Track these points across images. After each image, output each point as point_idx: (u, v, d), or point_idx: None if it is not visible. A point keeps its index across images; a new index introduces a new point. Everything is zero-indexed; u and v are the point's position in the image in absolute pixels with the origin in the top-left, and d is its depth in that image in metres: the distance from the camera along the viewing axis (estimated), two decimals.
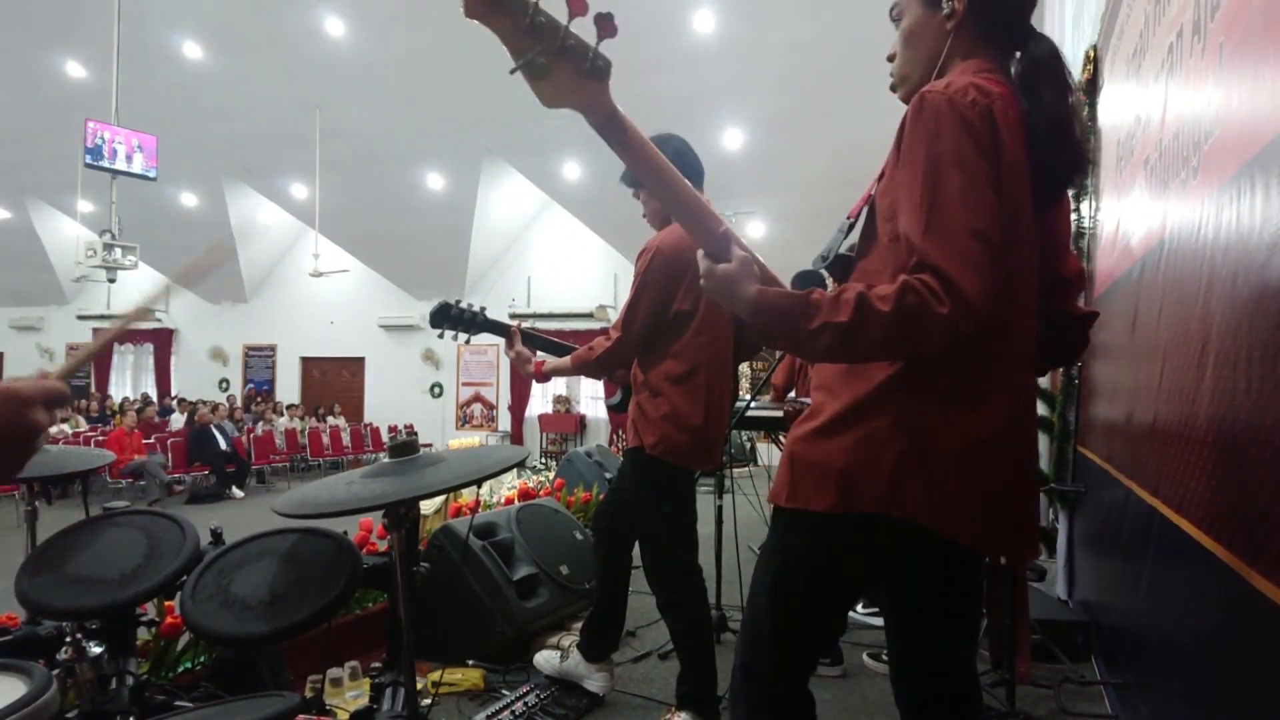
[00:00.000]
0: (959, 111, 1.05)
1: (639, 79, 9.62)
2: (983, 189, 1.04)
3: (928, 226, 1.02)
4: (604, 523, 2.61)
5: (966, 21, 1.19)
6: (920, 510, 1.07)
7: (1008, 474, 1.11)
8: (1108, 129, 3.32)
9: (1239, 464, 1.29)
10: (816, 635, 1.26)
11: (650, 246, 2.30)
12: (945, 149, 1.04)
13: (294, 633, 1.64)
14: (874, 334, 1.01)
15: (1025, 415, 1.15)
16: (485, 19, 1.00)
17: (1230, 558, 1.31)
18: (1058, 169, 1.16)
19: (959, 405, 1.08)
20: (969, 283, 0.99)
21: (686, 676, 2.36)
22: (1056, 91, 1.15)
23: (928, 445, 1.07)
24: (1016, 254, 1.10)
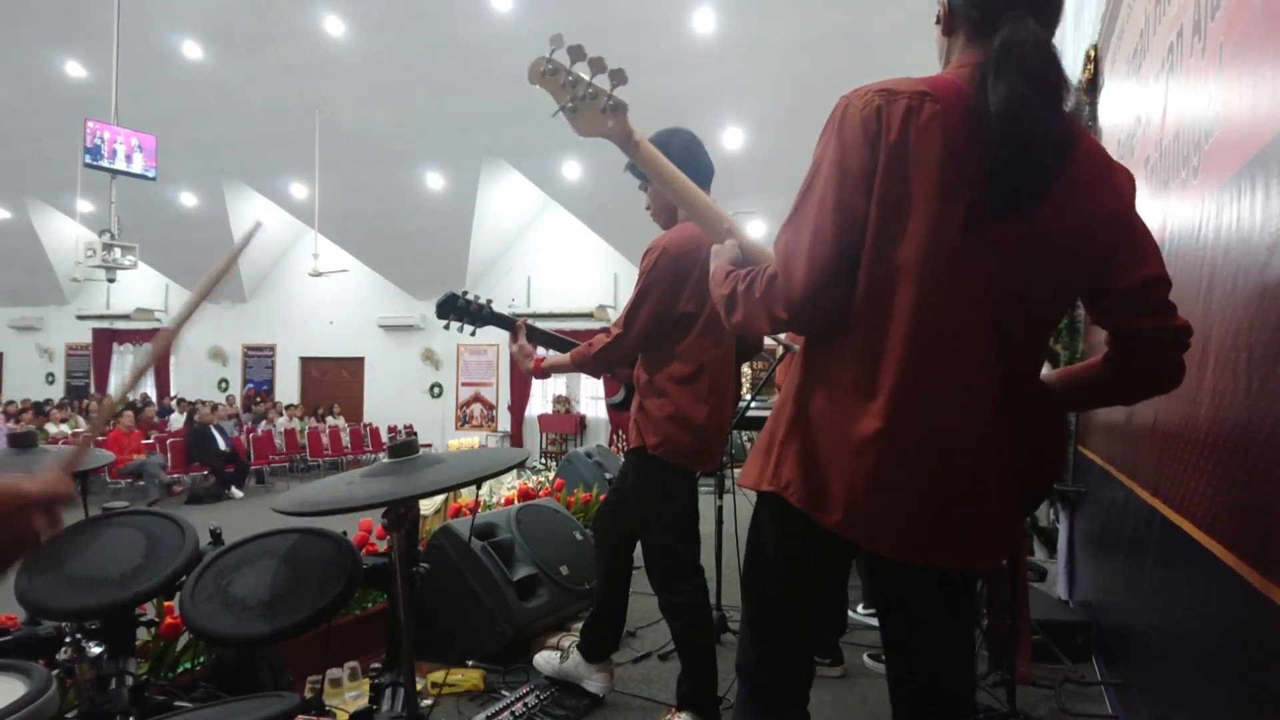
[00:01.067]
0: (849, 114, 1.11)
1: (639, 79, 9.48)
2: (843, 197, 1.09)
3: (789, 219, 1.16)
4: (605, 523, 2.61)
5: (953, 24, 1.21)
6: (791, 489, 1.15)
7: (896, 474, 1.08)
8: (1108, 129, 3.32)
9: (1239, 464, 1.29)
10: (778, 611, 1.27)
11: (656, 246, 2.29)
12: (825, 150, 1.13)
13: (294, 633, 1.64)
14: (739, 309, 1.20)
15: (922, 416, 1.08)
16: (540, 81, 1.47)
17: (1230, 558, 1.31)
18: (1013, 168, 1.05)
19: (838, 403, 1.14)
20: (790, 271, 1.11)
21: (687, 677, 2.35)
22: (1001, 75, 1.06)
23: (805, 432, 1.16)
24: (902, 253, 1.07)
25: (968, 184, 1.07)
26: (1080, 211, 1.10)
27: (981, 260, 1.08)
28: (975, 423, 1.10)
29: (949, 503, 1.11)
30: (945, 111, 1.07)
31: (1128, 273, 1.12)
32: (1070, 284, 1.16)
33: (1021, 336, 1.14)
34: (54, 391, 17.10)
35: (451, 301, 2.32)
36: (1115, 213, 1.12)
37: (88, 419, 12.67)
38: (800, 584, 1.26)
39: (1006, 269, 1.09)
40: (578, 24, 9.28)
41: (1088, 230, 1.10)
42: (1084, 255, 1.12)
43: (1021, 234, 1.08)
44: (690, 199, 1.47)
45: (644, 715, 2.64)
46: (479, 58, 9.71)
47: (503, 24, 9.17)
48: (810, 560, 1.24)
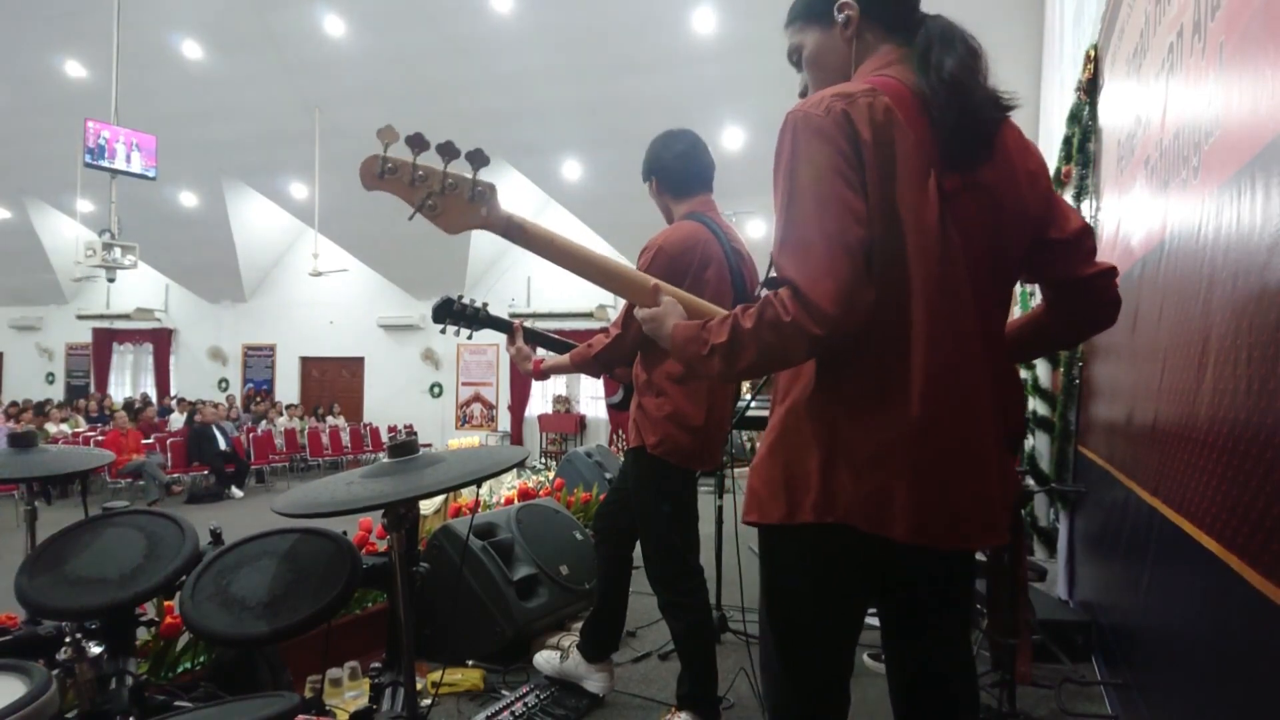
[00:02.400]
0: (811, 123, 1.09)
1: (639, 79, 9.64)
2: (837, 195, 1.06)
3: (781, 242, 1.09)
4: (605, 523, 2.61)
5: (864, 24, 1.23)
6: (853, 514, 1.10)
7: (934, 468, 1.09)
8: (1108, 129, 3.32)
9: (1239, 464, 1.29)
10: (821, 656, 1.22)
11: (653, 244, 2.29)
12: (799, 163, 1.09)
13: (294, 633, 1.64)
14: (748, 349, 1.10)
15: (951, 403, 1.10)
16: (380, 186, 1.26)
17: (1230, 558, 1.31)
18: (965, 123, 1.11)
19: (868, 407, 1.11)
20: (818, 290, 1.03)
21: (687, 677, 2.36)
22: (950, 52, 1.15)
23: (845, 450, 1.11)
24: (904, 244, 1.09)
25: (929, 163, 1.11)
26: (1017, 171, 1.18)
27: (956, 234, 1.12)
28: (984, 395, 1.14)
29: (984, 480, 1.13)
30: (894, 101, 1.11)
31: (1062, 225, 1.24)
32: (1020, 242, 1.21)
33: (993, 301, 1.20)
34: (54, 391, 17.10)
35: (447, 306, 2.32)
36: (1040, 171, 1.23)
37: (87, 419, 12.67)
38: (839, 612, 1.21)
39: (974, 240, 1.14)
40: (578, 24, 9.29)
41: (1026, 188, 1.19)
42: (1028, 213, 1.20)
43: (977, 203, 1.14)
44: (600, 269, 1.35)
45: (644, 715, 2.64)
46: (479, 58, 9.71)
47: (503, 24, 9.17)
48: (853, 589, 1.20)
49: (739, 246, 2.43)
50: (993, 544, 1.17)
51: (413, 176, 1.24)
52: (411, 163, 1.24)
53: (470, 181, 1.26)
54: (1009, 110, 1.17)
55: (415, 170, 1.24)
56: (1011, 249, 1.19)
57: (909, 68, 1.17)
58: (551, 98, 10.16)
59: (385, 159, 1.24)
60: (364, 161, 1.24)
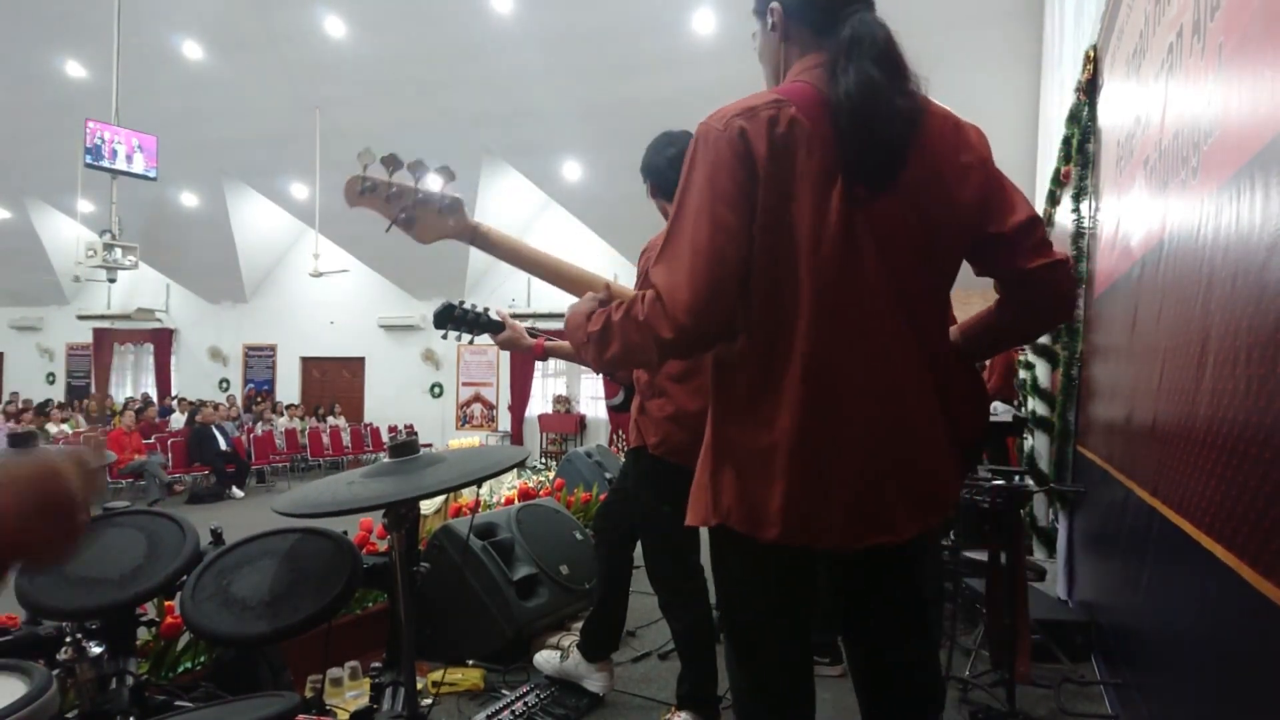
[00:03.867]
0: (710, 139, 1.12)
1: (639, 79, 9.64)
2: (715, 213, 1.09)
3: (661, 252, 1.13)
4: (605, 522, 2.61)
5: (791, 25, 1.24)
6: (732, 516, 1.14)
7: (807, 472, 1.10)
8: (1108, 129, 3.32)
9: (1239, 464, 1.29)
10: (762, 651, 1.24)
11: (652, 245, 2.30)
12: (692, 177, 1.13)
13: (294, 633, 1.64)
14: (614, 341, 1.14)
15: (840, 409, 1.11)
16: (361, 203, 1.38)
17: (1230, 558, 1.31)
18: (870, 142, 1.10)
19: (748, 416, 1.15)
20: (673, 297, 1.08)
21: (687, 676, 2.36)
22: (853, 62, 1.13)
23: (730, 454, 1.16)
24: (795, 255, 1.10)
25: (837, 170, 1.11)
26: (943, 170, 1.17)
27: (869, 238, 1.12)
28: (901, 394, 1.14)
29: (884, 480, 1.13)
30: (801, 111, 1.12)
31: (1004, 218, 1.20)
32: (955, 240, 1.20)
33: (926, 302, 1.20)
34: (54, 391, 17.09)
35: (448, 311, 2.32)
36: (976, 164, 1.20)
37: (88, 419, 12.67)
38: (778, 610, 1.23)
39: (894, 240, 1.14)
40: (578, 25, 9.29)
41: (955, 185, 1.17)
42: (959, 209, 1.18)
43: (899, 204, 1.14)
44: (563, 274, 1.40)
45: (644, 714, 2.64)
46: (479, 58, 9.71)
47: (503, 24, 9.17)
48: (778, 583, 1.21)
49: None
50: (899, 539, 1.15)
51: (388, 193, 1.36)
52: (386, 181, 1.35)
53: (439, 196, 1.37)
54: (916, 121, 1.14)
55: (390, 187, 1.36)
56: (942, 247, 1.19)
57: (827, 74, 1.17)
58: (551, 98, 10.16)
59: (364, 178, 1.35)
60: (347, 181, 1.36)
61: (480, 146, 11.46)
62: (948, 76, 8.06)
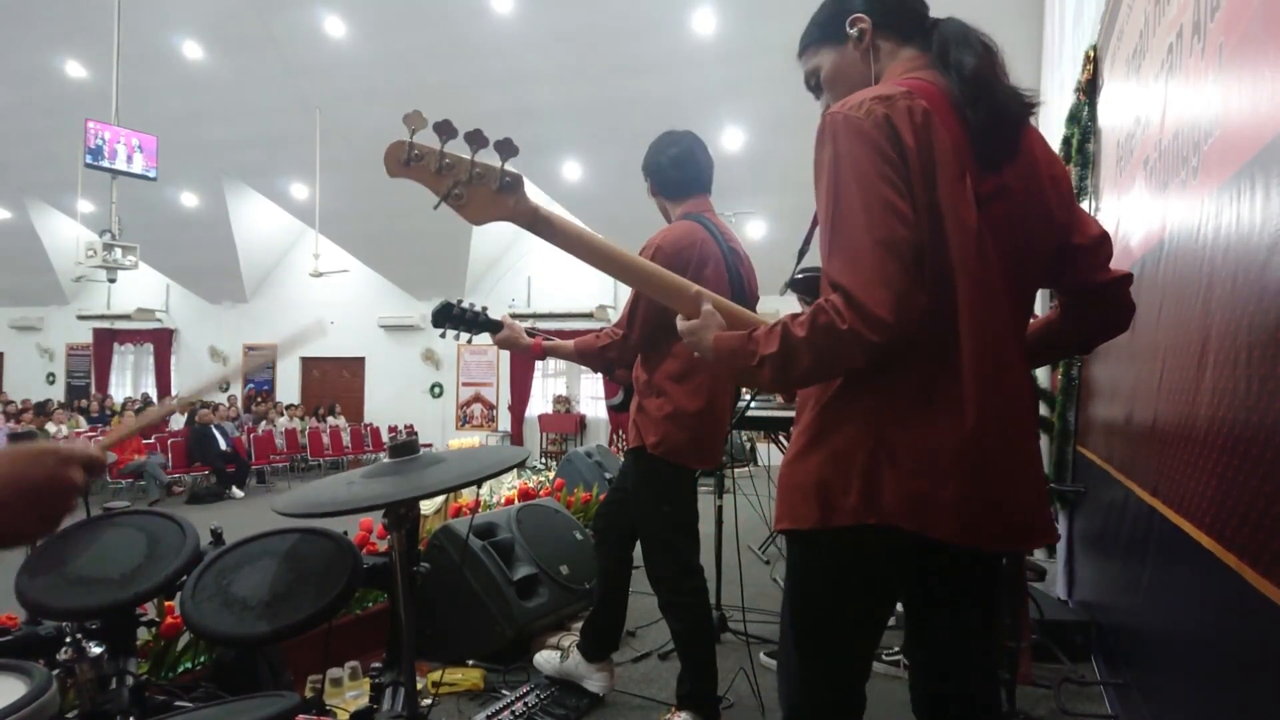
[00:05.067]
0: (853, 125, 1.08)
1: (639, 79, 9.63)
2: (884, 197, 1.05)
3: (832, 247, 1.07)
4: (604, 522, 2.61)
5: (878, 35, 1.24)
6: (896, 514, 1.08)
7: (982, 469, 1.08)
8: (1108, 129, 3.32)
9: (1239, 464, 1.29)
10: (841, 661, 1.22)
11: (651, 244, 2.30)
12: (842, 166, 1.08)
13: (294, 633, 1.64)
14: (802, 358, 1.06)
15: (998, 405, 1.09)
16: (405, 174, 1.19)
17: (1230, 558, 1.31)
18: (994, 119, 1.12)
19: (915, 409, 1.10)
20: (873, 296, 1.01)
21: (687, 676, 2.36)
22: (968, 50, 1.16)
23: (890, 451, 1.09)
24: (948, 246, 1.09)
25: (967, 165, 1.11)
26: (1042, 175, 1.19)
27: (991, 239, 1.12)
28: (1024, 397, 1.15)
29: (1030, 482, 1.15)
30: (931, 104, 1.11)
31: (1083, 231, 1.24)
32: (1046, 247, 1.21)
33: (1023, 307, 1.21)
34: (55, 391, 17.10)
35: (446, 310, 2.33)
36: (1063, 177, 1.23)
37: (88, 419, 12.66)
38: (865, 617, 1.21)
39: (1006, 245, 1.14)
40: (578, 25, 9.29)
41: (1051, 192, 1.20)
42: (1054, 218, 1.20)
43: (1008, 207, 1.14)
44: (635, 271, 1.32)
45: (644, 715, 2.64)
46: (479, 59, 9.71)
47: (503, 24, 9.17)
48: (881, 595, 1.21)
49: (736, 246, 2.44)
50: (1041, 545, 1.19)
51: (439, 164, 1.18)
52: (439, 150, 1.17)
53: (499, 171, 1.19)
54: (1033, 107, 1.16)
55: (442, 158, 1.17)
56: (1038, 254, 1.20)
57: (936, 71, 1.18)
58: (552, 98, 10.16)
59: (412, 145, 1.17)
60: (390, 147, 1.18)
61: None
62: None
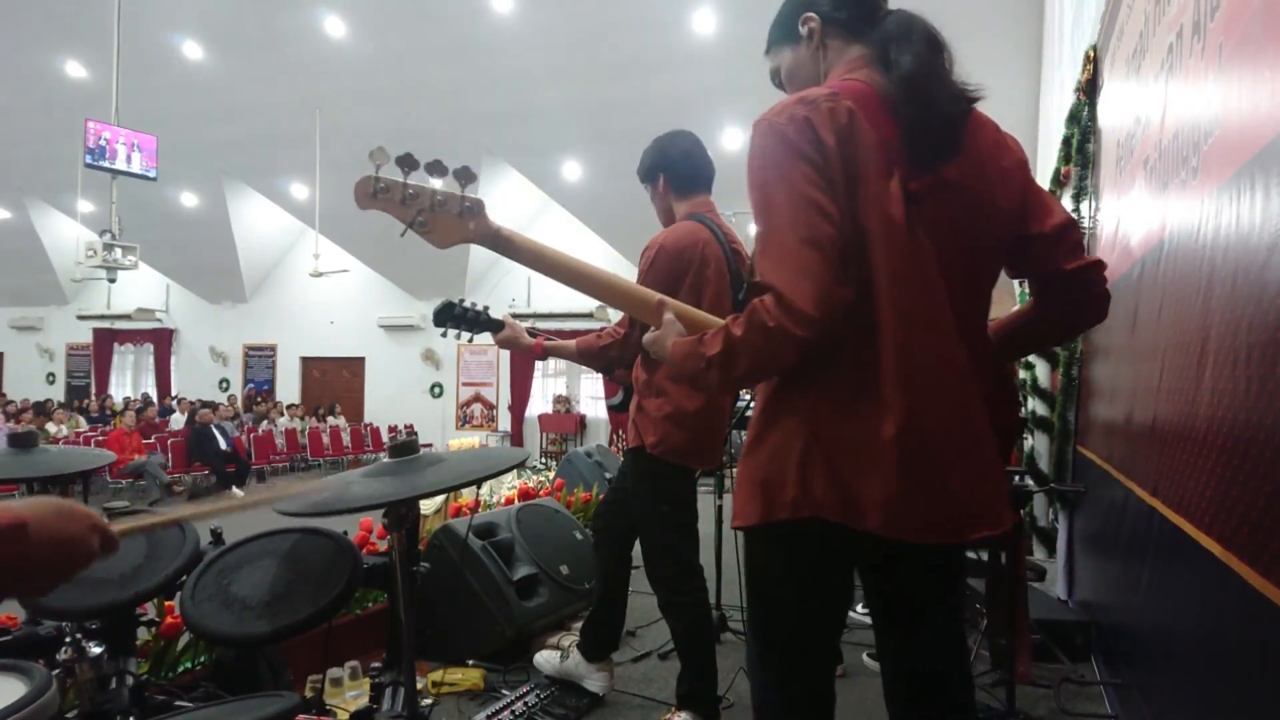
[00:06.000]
0: (776, 131, 1.12)
1: (639, 80, 9.63)
2: (807, 196, 1.08)
3: (762, 248, 1.11)
4: (604, 522, 2.61)
5: (827, 33, 1.26)
6: (826, 507, 1.11)
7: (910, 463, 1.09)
8: (1107, 129, 3.32)
9: (1239, 463, 1.29)
10: (800, 656, 1.24)
11: (654, 244, 2.30)
12: (768, 171, 1.12)
13: (294, 632, 1.64)
14: (741, 357, 1.11)
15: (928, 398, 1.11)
16: (374, 205, 1.30)
17: (1230, 558, 1.31)
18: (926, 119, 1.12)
19: (843, 402, 1.13)
20: (797, 292, 1.05)
21: (687, 676, 2.36)
22: (907, 49, 1.16)
23: (822, 445, 1.13)
24: (869, 243, 1.10)
25: (895, 163, 1.12)
26: (990, 169, 1.19)
27: (926, 234, 1.12)
28: (965, 390, 1.15)
29: (972, 476, 1.14)
30: (857, 104, 1.12)
31: (1043, 220, 1.24)
32: (998, 239, 1.22)
33: (974, 299, 1.21)
34: (55, 391, 17.10)
35: (448, 309, 2.33)
36: (1017, 167, 1.23)
37: (88, 419, 12.67)
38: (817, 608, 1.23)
39: (945, 238, 1.14)
40: (578, 25, 9.28)
41: (1000, 185, 1.20)
42: (1002, 209, 1.20)
43: (948, 202, 1.15)
44: (598, 282, 1.36)
45: (644, 714, 2.64)
46: (479, 59, 9.70)
47: (503, 24, 9.17)
48: (832, 587, 1.22)
49: (738, 247, 2.44)
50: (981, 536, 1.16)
51: (404, 195, 1.28)
52: (402, 182, 1.28)
53: (459, 198, 1.30)
54: (972, 103, 1.17)
55: (406, 189, 1.28)
56: (986, 247, 1.20)
57: (876, 69, 1.18)
58: (551, 98, 10.16)
59: (377, 179, 1.27)
60: (358, 183, 1.28)
61: (480, 146, 11.46)
62: None
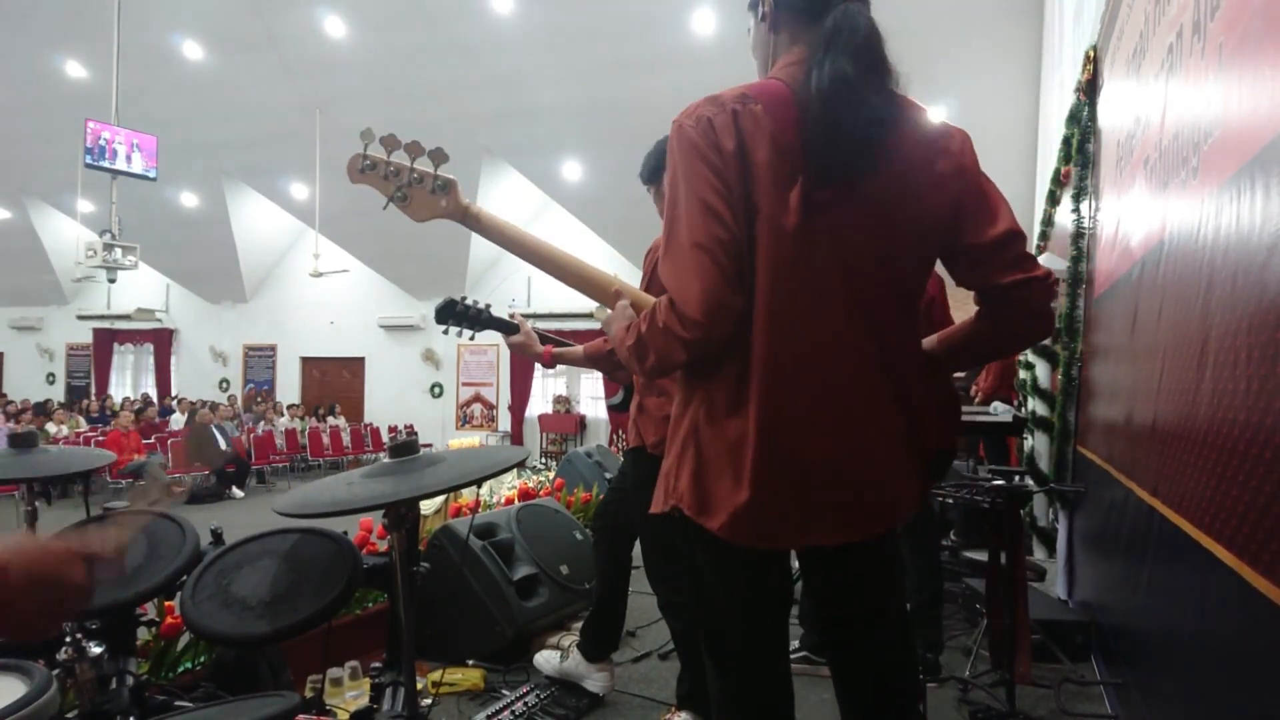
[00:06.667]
0: (683, 133, 1.13)
1: (639, 79, 9.63)
2: (704, 200, 1.09)
3: (664, 253, 1.14)
4: (604, 522, 2.61)
5: (778, 17, 1.22)
6: (684, 500, 1.16)
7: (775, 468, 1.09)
8: (1107, 129, 3.32)
9: (1239, 464, 1.29)
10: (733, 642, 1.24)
11: (656, 245, 2.30)
12: (674, 172, 1.13)
13: (294, 633, 1.64)
14: (647, 352, 1.14)
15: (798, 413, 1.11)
16: (361, 180, 1.41)
17: (1230, 558, 1.31)
18: (833, 141, 1.08)
19: (719, 408, 1.14)
20: (684, 296, 1.08)
21: (687, 676, 2.36)
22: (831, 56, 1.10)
23: (698, 444, 1.16)
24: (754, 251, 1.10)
25: (798, 172, 1.10)
26: (916, 178, 1.14)
27: (829, 244, 1.11)
28: (852, 400, 1.13)
29: (836, 483, 1.13)
30: (767, 108, 1.11)
31: (980, 230, 1.17)
32: (924, 250, 1.19)
33: (891, 311, 1.17)
34: (54, 391, 17.10)
35: (450, 307, 2.32)
36: (955, 173, 1.16)
37: (88, 419, 12.66)
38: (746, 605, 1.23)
39: (856, 249, 1.12)
40: (578, 25, 9.29)
41: (928, 194, 1.14)
42: (929, 219, 1.16)
43: (862, 212, 1.12)
44: (559, 264, 1.41)
45: (644, 714, 2.64)
46: (479, 58, 9.70)
47: (503, 24, 9.17)
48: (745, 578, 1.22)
49: None
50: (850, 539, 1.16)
51: (386, 171, 1.40)
52: (385, 159, 1.40)
53: (433, 175, 1.41)
54: (886, 127, 1.10)
55: (388, 166, 1.40)
56: (906, 258, 1.17)
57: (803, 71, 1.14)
58: (551, 98, 10.16)
59: (365, 156, 1.40)
60: (350, 159, 1.41)
61: (480, 146, 11.46)
62: (948, 76, 8.07)
